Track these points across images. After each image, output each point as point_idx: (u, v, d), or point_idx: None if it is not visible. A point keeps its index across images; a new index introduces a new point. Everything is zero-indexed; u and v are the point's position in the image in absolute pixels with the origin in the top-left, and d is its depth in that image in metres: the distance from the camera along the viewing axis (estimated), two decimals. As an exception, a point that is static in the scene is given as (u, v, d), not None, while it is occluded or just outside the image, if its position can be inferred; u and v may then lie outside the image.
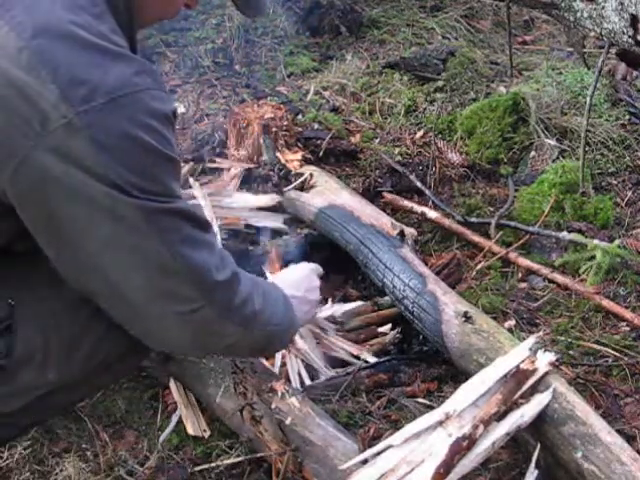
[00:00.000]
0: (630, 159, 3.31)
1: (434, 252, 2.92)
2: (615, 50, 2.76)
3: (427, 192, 3.13)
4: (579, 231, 2.84)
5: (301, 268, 2.03)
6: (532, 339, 1.92)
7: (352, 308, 2.57)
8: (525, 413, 1.78)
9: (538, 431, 1.83)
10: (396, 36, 4.37)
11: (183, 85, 3.97)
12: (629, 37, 2.29)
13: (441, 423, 1.71)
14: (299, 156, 3.13)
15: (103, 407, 2.21)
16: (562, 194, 2.98)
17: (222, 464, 2.02)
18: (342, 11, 4.41)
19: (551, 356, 1.88)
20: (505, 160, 3.34)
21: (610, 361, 2.31)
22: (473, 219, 3.00)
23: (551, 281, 2.68)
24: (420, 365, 2.37)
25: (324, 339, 2.42)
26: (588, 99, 2.90)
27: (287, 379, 2.21)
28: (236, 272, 1.57)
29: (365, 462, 1.68)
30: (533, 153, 3.32)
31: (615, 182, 3.23)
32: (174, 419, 2.17)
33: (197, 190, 2.87)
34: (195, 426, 2.13)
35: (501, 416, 1.75)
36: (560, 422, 1.79)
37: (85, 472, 2.00)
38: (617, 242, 2.68)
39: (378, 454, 1.68)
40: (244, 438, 2.04)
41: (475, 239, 2.89)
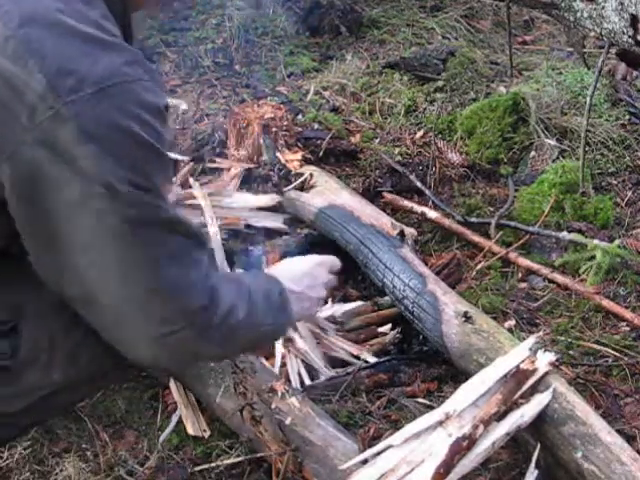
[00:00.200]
0: (630, 159, 3.31)
1: (434, 252, 2.92)
2: (615, 50, 2.76)
3: (427, 192, 3.13)
4: (579, 231, 2.84)
5: (307, 261, 1.86)
6: (532, 339, 1.92)
7: (352, 308, 2.57)
8: (525, 413, 1.78)
9: (538, 431, 1.83)
10: (396, 36, 4.37)
11: (183, 85, 3.98)
12: (629, 37, 2.29)
13: (441, 423, 1.71)
14: (299, 156, 3.13)
15: (103, 407, 2.20)
16: (562, 194, 2.98)
17: (222, 464, 2.02)
18: (342, 11, 4.41)
19: (551, 356, 1.88)
20: (505, 160, 3.34)
21: (610, 361, 2.31)
22: (473, 219, 3.00)
23: (551, 281, 2.68)
24: (420, 365, 2.37)
25: (324, 339, 2.42)
26: (588, 99, 2.90)
27: (287, 379, 2.20)
28: (218, 288, 1.45)
29: (365, 462, 1.68)
30: (533, 153, 3.32)
31: (615, 182, 3.23)
32: (174, 419, 2.17)
33: (197, 190, 2.87)
34: (195, 426, 2.13)
35: (501, 416, 1.75)
36: (560, 422, 1.79)
37: (85, 472, 2.00)
38: (617, 242, 2.68)
39: (378, 454, 1.68)
40: (244, 438, 2.04)
41: (475, 239, 2.89)
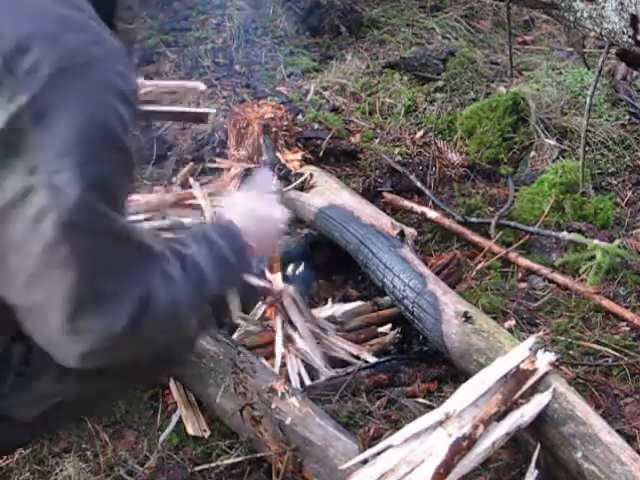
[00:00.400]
0: (630, 159, 3.31)
1: (434, 252, 2.92)
2: (615, 50, 2.76)
3: (427, 192, 3.13)
4: (579, 231, 2.84)
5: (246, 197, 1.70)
6: (532, 339, 1.92)
7: (352, 308, 2.57)
8: (525, 413, 1.78)
9: (538, 431, 1.83)
10: (396, 36, 4.37)
11: (183, 85, 3.98)
12: (629, 37, 2.29)
13: (441, 423, 1.71)
14: (299, 156, 3.13)
15: (103, 407, 2.21)
16: (562, 194, 2.98)
17: (222, 464, 2.02)
18: (342, 11, 4.41)
19: (551, 356, 1.88)
20: (505, 160, 3.34)
21: (610, 361, 2.31)
22: (473, 219, 3.00)
23: (551, 281, 2.69)
24: (420, 365, 2.37)
25: (324, 339, 2.42)
26: (588, 99, 2.90)
27: (287, 379, 2.20)
28: (155, 292, 1.28)
29: (365, 462, 1.68)
30: (533, 153, 3.32)
31: (615, 182, 3.23)
32: (174, 419, 2.17)
33: (197, 190, 2.87)
34: (195, 426, 2.13)
35: (501, 416, 1.75)
36: (560, 422, 1.79)
37: (85, 472, 2.00)
38: (617, 242, 2.68)
39: (378, 454, 1.68)
40: (244, 438, 2.04)
41: (475, 239, 2.89)
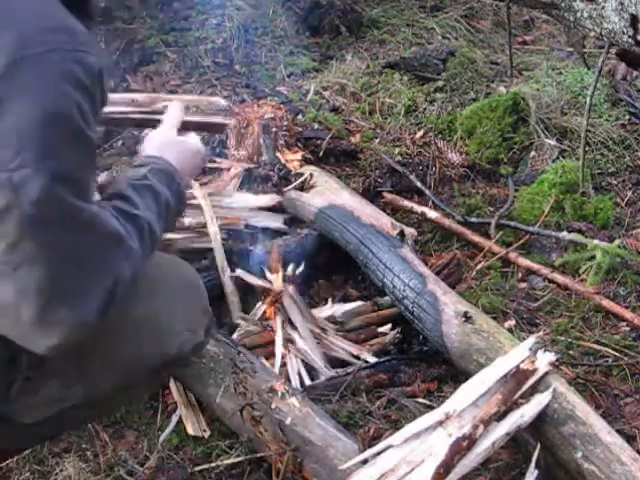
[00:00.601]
0: (630, 159, 3.31)
1: (434, 252, 2.92)
2: (615, 50, 2.76)
3: (427, 192, 3.13)
4: (579, 231, 2.84)
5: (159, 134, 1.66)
6: (532, 339, 1.92)
7: (352, 308, 2.57)
8: (525, 413, 1.78)
9: (538, 431, 1.83)
10: (396, 36, 4.37)
11: (183, 85, 3.97)
12: (629, 37, 2.29)
13: (441, 423, 1.71)
14: (299, 156, 3.13)
15: (103, 407, 2.21)
16: (562, 194, 2.98)
17: (222, 464, 2.02)
18: (342, 11, 4.40)
19: (551, 356, 1.88)
20: (505, 160, 3.34)
21: (610, 361, 2.31)
22: (473, 219, 3.00)
23: (551, 281, 2.68)
24: (420, 365, 2.37)
25: (324, 339, 2.42)
26: (588, 99, 2.90)
27: (287, 379, 2.21)
28: (122, 275, 1.28)
29: (365, 462, 1.68)
30: (533, 153, 3.32)
31: (615, 182, 3.23)
32: (174, 419, 2.17)
33: (197, 190, 2.86)
34: (195, 426, 2.13)
35: (501, 416, 1.75)
36: (560, 422, 1.79)
37: (85, 472, 2.00)
38: (617, 242, 2.68)
39: (378, 454, 1.68)
40: (244, 438, 2.04)
41: (475, 239, 2.89)
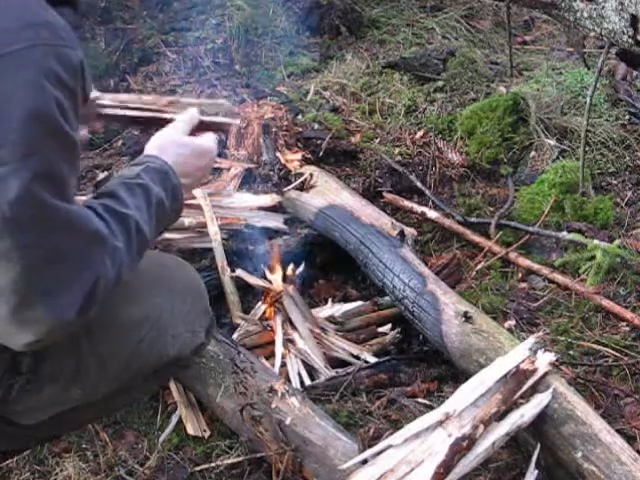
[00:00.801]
0: (630, 159, 3.31)
1: (434, 252, 2.92)
2: (615, 50, 2.77)
3: (427, 192, 3.13)
4: (579, 231, 2.84)
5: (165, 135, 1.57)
6: (532, 339, 1.92)
7: (352, 308, 2.57)
8: (525, 413, 1.78)
9: (538, 431, 1.83)
10: (396, 36, 4.37)
11: (183, 85, 3.98)
12: (629, 37, 2.29)
13: (441, 423, 1.71)
14: (299, 156, 3.13)
15: (103, 407, 2.21)
16: (562, 194, 2.98)
17: (222, 464, 2.02)
18: (342, 11, 4.40)
19: (551, 356, 1.88)
20: (505, 160, 3.34)
21: (610, 361, 2.31)
22: (473, 219, 3.00)
23: (551, 281, 2.69)
24: (420, 365, 2.38)
25: (324, 339, 2.42)
26: (588, 99, 2.90)
27: (287, 379, 2.20)
28: (103, 274, 1.25)
29: (365, 462, 1.68)
30: (533, 153, 3.32)
31: (615, 182, 3.23)
32: (174, 419, 2.17)
33: (197, 190, 2.86)
34: (195, 426, 2.13)
35: (501, 416, 1.75)
36: (560, 422, 1.79)
37: (85, 472, 2.00)
38: (617, 242, 2.69)
39: (378, 454, 1.68)
40: (244, 438, 2.04)
41: (475, 239, 2.89)
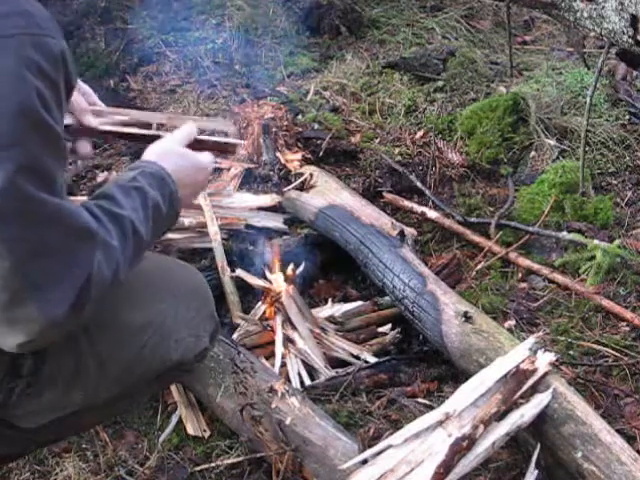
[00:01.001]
0: (630, 159, 3.31)
1: (434, 252, 2.92)
2: (615, 50, 2.77)
3: (427, 192, 3.13)
4: (579, 231, 2.84)
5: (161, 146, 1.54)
6: (532, 339, 1.92)
7: (352, 308, 2.57)
8: (525, 413, 1.78)
9: (538, 431, 1.83)
10: (396, 36, 4.37)
11: (183, 85, 3.98)
12: (629, 37, 2.29)
13: (441, 423, 1.71)
14: (299, 156, 3.13)
15: (103, 407, 2.21)
16: (562, 194, 2.98)
17: (222, 464, 2.02)
18: (342, 11, 4.40)
19: (551, 356, 1.88)
20: (505, 160, 3.34)
21: (610, 361, 2.31)
22: (473, 219, 3.00)
23: (551, 281, 2.68)
24: (420, 365, 2.38)
25: (324, 339, 2.42)
26: (588, 99, 2.90)
27: (287, 379, 2.20)
28: (96, 271, 1.23)
29: (365, 462, 1.68)
30: (533, 153, 3.32)
31: (615, 182, 3.23)
32: (174, 419, 2.17)
33: (197, 190, 2.87)
34: (195, 426, 2.14)
35: (501, 416, 1.75)
36: (560, 422, 1.79)
37: (85, 472, 2.00)
38: (617, 242, 2.69)
39: (378, 454, 1.68)
40: (244, 438, 2.04)
41: (475, 239, 2.89)
